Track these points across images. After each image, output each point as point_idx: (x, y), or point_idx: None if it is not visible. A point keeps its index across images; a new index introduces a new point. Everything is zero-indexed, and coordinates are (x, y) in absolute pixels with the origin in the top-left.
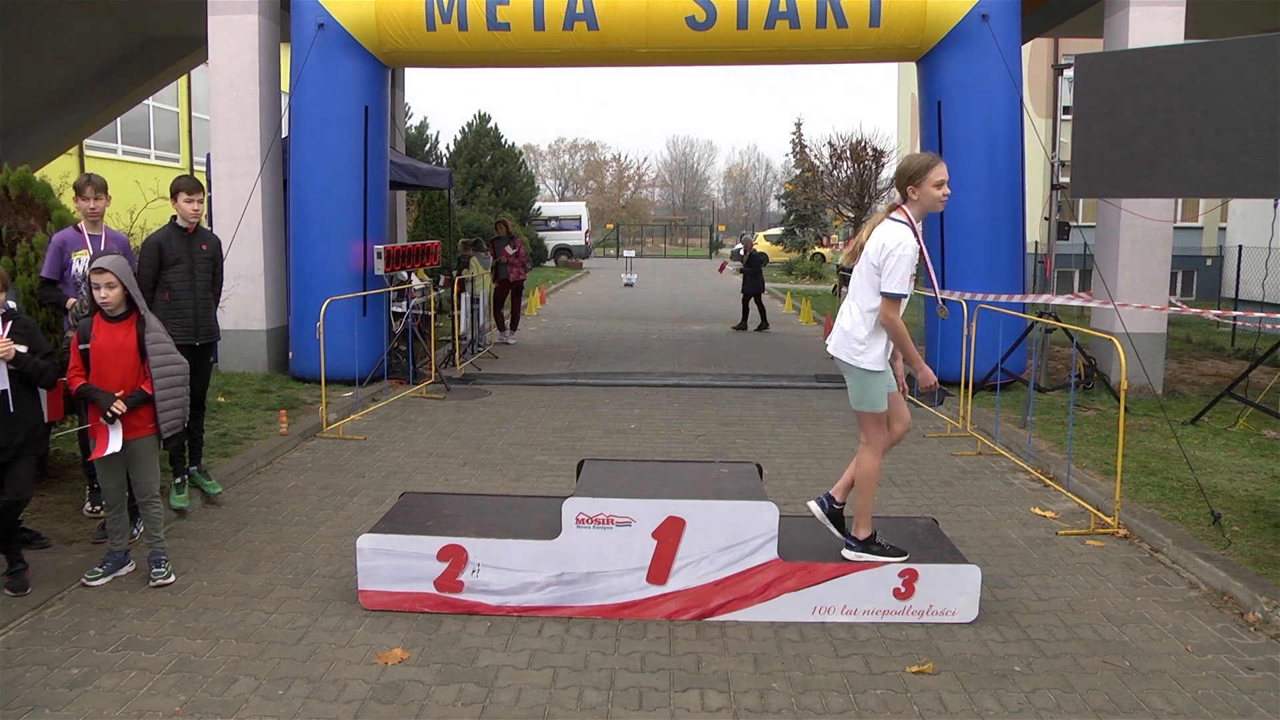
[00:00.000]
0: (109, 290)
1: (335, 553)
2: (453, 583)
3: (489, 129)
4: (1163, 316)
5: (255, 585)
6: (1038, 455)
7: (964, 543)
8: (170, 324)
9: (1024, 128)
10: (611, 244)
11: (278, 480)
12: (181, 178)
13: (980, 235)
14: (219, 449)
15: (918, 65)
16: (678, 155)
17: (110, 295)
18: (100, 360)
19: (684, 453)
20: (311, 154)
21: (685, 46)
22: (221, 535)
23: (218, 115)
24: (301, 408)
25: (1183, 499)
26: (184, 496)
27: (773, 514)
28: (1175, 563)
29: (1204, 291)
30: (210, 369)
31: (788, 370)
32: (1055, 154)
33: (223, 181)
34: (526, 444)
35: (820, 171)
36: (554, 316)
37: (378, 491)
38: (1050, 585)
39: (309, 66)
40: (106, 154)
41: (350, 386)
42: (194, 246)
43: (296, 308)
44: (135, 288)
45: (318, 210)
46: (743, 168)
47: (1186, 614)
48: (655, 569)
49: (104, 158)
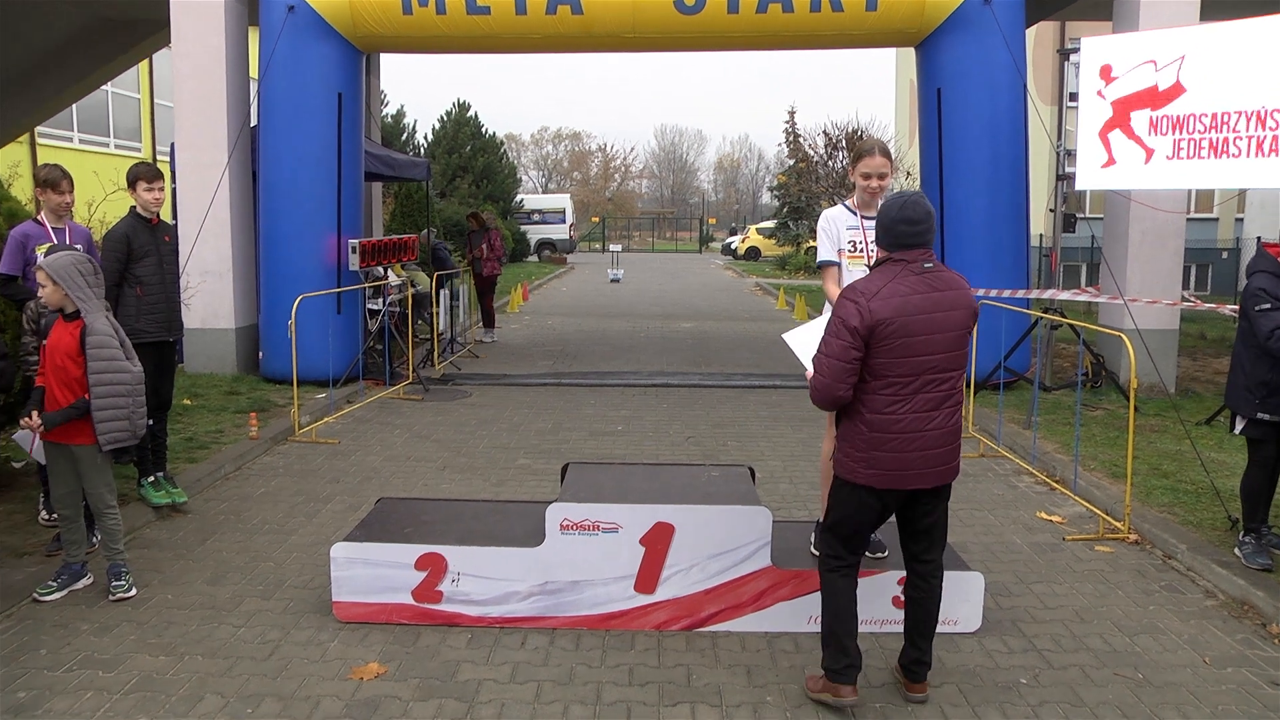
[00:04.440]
0: (42, 289)
1: (308, 562)
2: (431, 593)
3: (469, 118)
4: (1175, 312)
5: (223, 597)
6: (1043, 457)
7: (966, 549)
8: (144, 320)
9: (1028, 115)
10: (597, 238)
11: (247, 486)
12: (139, 165)
13: (982, 227)
14: (184, 454)
15: (916, 51)
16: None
17: (43, 294)
18: (48, 360)
19: (673, 455)
20: (282, 143)
21: (674, 32)
22: (187, 545)
23: (182, 102)
24: (272, 410)
25: (1197, 503)
26: (162, 493)
27: (766, 519)
28: (1190, 570)
29: (1219, 286)
30: (175, 368)
31: (782, 369)
32: (1060, 143)
33: (188, 172)
34: (508, 447)
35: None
36: (537, 314)
37: (353, 498)
38: (1057, 593)
39: (279, 51)
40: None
41: (324, 388)
42: (159, 238)
43: (267, 305)
44: (79, 289)
45: (289, 202)
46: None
47: (1203, 624)
48: (643, 577)
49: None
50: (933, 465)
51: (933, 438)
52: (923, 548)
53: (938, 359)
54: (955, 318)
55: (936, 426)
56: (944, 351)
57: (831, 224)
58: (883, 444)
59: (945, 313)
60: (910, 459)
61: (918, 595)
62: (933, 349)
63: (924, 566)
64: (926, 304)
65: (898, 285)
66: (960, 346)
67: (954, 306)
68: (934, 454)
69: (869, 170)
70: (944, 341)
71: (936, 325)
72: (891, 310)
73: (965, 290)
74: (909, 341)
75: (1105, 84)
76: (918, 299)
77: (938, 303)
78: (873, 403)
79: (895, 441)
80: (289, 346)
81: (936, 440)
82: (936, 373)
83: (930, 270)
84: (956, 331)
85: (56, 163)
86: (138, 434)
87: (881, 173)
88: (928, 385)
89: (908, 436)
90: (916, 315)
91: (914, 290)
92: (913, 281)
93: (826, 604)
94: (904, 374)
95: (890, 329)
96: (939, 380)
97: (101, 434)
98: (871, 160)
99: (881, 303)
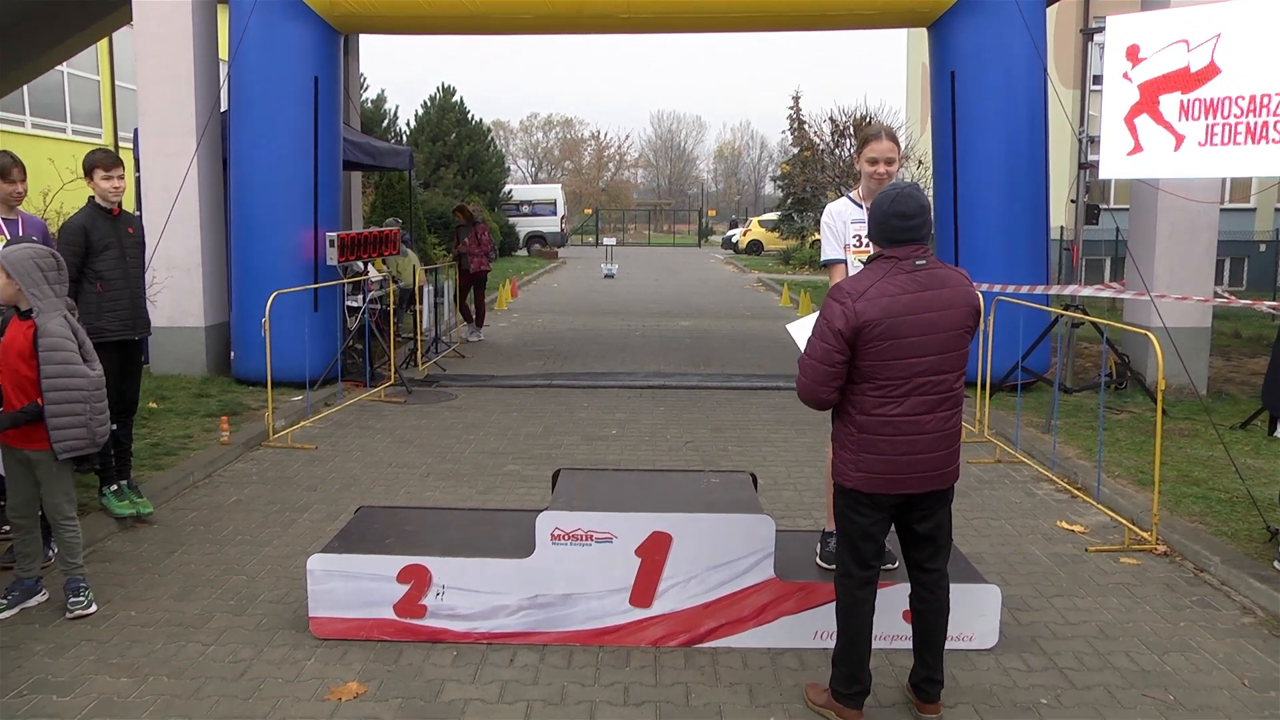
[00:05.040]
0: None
1: (283, 575)
2: (415, 607)
3: (454, 103)
4: (1206, 309)
5: (191, 614)
6: (1063, 463)
7: (982, 560)
8: (106, 318)
9: (1048, 100)
10: (590, 231)
11: (218, 495)
12: (96, 152)
13: (998, 219)
14: (150, 461)
15: (929, 31)
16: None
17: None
18: (1, 360)
19: (670, 461)
20: (255, 130)
21: (671, 11)
22: (153, 558)
23: (146, 85)
24: (245, 414)
25: (1231, 512)
26: (126, 503)
27: (769, 529)
28: (1225, 584)
29: (1257, 281)
30: (141, 369)
31: (785, 370)
32: (1083, 129)
33: (153, 160)
34: (496, 452)
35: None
36: (527, 311)
37: (331, 506)
38: (1080, 608)
39: (250, 31)
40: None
41: (300, 390)
42: (121, 230)
43: (239, 302)
44: (36, 285)
45: (262, 193)
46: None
47: (1240, 643)
48: (639, 590)
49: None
50: (925, 470)
51: (926, 441)
52: (925, 556)
53: (930, 361)
54: (951, 317)
55: (930, 430)
56: (938, 353)
57: (835, 219)
58: (871, 446)
59: (939, 312)
60: (899, 463)
61: (922, 607)
62: (925, 351)
63: (927, 576)
64: (917, 304)
65: (886, 285)
66: (958, 347)
67: (949, 305)
68: (926, 458)
69: (875, 155)
70: (938, 342)
71: (928, 326)
72: (879, 311)
73: (964, 287)
74: (898, 343)
75: (1132, 66)
76: (907, 299)
77: (930, 302)
78: (862, 403)
79: (884, 444)
80: (262, 346)
81: (930, 444)
82: (930, 375)
83: (923, 268)
84: (953, 331)
85: (7, 149)
86: (98, 441)
87: (889, 158)
88: (920, 388)
89: (898, 440)
90: (906, 316)
91: (904, 290)
92: (902, 280)
93: (840, 626)
94: (894, 376)
95: (877, 330)
96: (933, 382)
97: (56, 442)
98: (878, 145)
99: (868, 303)
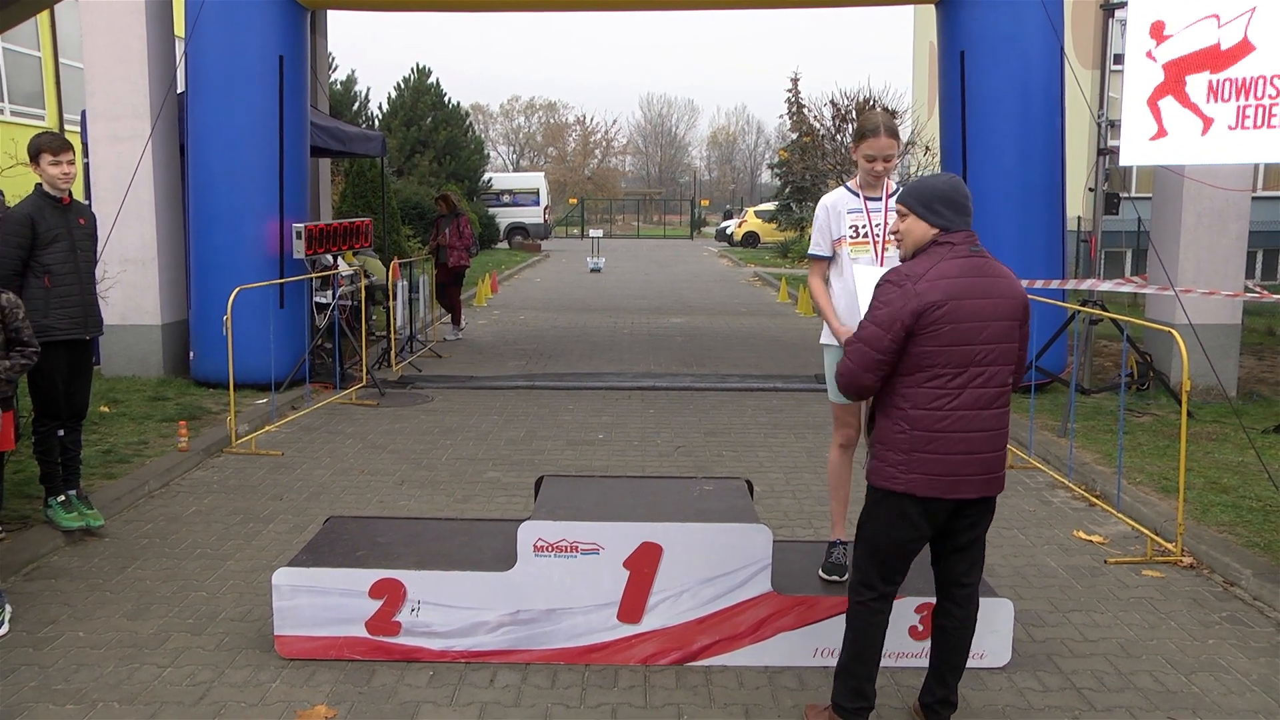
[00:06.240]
0: None
1: (246, 591)
2: (388, 624)
3: (429, 85)
4: (1236, 305)
5: (146, 634)
6: (1081, 469)
7: (993, 572)
8: (54, 315)
9: (1064, 81)
10: (575, 222)
11: (175, 505)
12: (43, 135)
13: (1012, 209)
14: (101, 469)
15: (937, 8)
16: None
17: None
18: None
19: (661, 467)
20: (214, 113)
21: None
22: (104, 574)
23: (94, 63)
24: (205, 418)
25: (1265, 522)
26: (74, 515)
27: (765, 539)
28: (1257, 599)
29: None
30: (92, 370)
31: (783, 370)
32: (1103, 112)
33: (103, 145)
34: (475, 458)
35: (821, 136)
36: (508, 308)
37: (298, 517)
38: (1099, 623)
39: (209, 5)
40: None
41: (264, 392)
42: (71, 220)
43: (198, 298)
44: None
45: (223, 181)
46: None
47: (1275, 662)
48: (627, 605)
49: None
50: (981, 472)
51: (982, 440)
52: (963, 569)
53: (988, 350)
54: (1003, 306)
55: (988, 426)
56: (995, 343)
57: (827, 212)
58: (926, 444)
59: (995, 300)
60: (957, 463)
61: (949, 624)
62: (984, 338)
63: (961, 591)
64: (976, 288)
65: (945, 266)
66: (1011, 339)
67: (1004, 295)
68: (983, 459)
69: (873, 152)
70: (995, 332)
71: (987, 313)
72: (941, 293)
73: (1014, 280)
74: (958, 328)
75: (1157, 44)
76: (967, 282)
77: (988, 289)
78: (916, 397)
79: (941, 442)
80: (224, 345)
81: (986, 443)
82: (986, 365)
83: (979, 253)
84: (1007, 321)
85: None
86: None
87: (887, 155)
88: (976, 379)
89: (955, 437)
90: (966, 299)
91: (963, 273)
92: (960, 264)
93: (850, 638)
94: (952, 364)
95: (939, 313)
96: (990, 374)
97: None
98: (876, 142)
99: (929, 285)
